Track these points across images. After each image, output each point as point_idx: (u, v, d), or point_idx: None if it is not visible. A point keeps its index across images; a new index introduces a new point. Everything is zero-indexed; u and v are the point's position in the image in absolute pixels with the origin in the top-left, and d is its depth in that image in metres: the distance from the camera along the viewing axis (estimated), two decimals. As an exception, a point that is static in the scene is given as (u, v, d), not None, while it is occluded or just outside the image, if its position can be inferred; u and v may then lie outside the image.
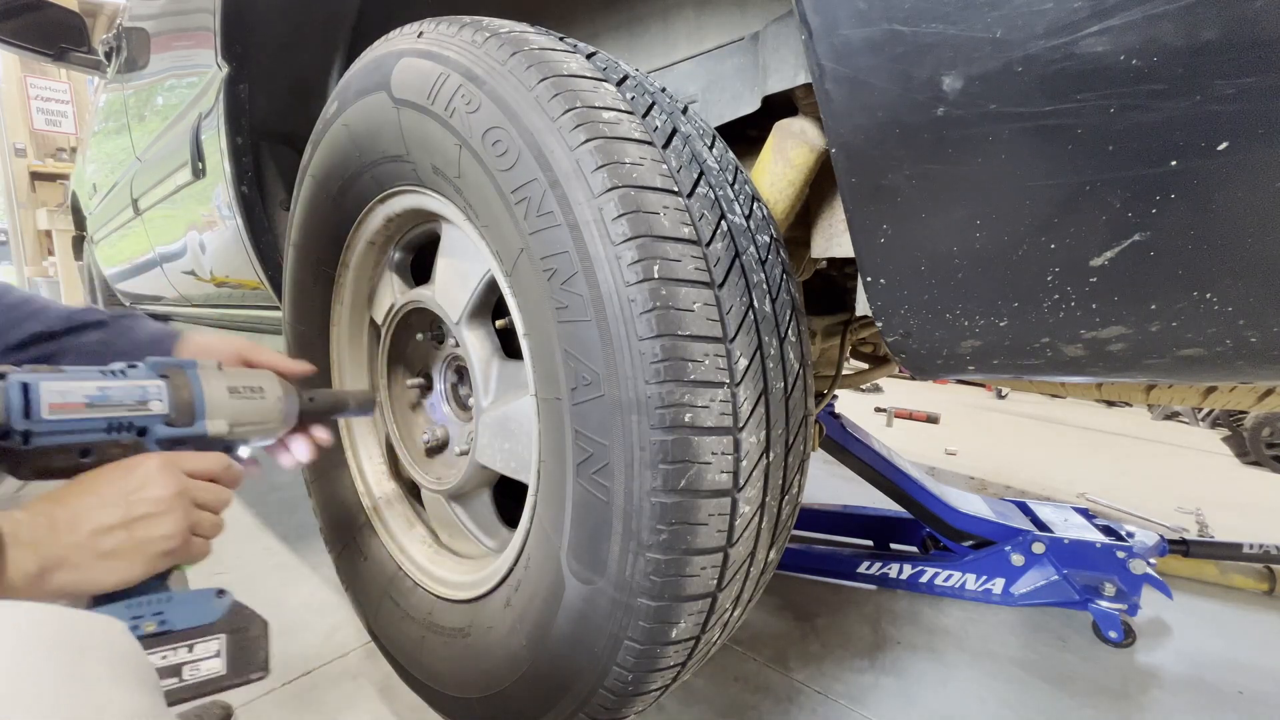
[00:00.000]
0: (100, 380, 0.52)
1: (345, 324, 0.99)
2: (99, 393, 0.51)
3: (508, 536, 0.84)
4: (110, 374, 0.53)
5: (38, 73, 6.08)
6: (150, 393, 0.54)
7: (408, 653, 0.87)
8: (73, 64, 2.09)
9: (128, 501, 0.50)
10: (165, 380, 0.55)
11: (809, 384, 0.64)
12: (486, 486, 0.86)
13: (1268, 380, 0.50)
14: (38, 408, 0.48)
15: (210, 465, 0.56)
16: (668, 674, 0.62)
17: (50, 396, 0.49)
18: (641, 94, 0.61)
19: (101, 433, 0.52)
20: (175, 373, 0.57)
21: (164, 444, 0.55)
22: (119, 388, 0.52)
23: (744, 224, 0.60)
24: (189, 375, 0.58)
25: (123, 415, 0.52)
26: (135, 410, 0.53)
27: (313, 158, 0.89)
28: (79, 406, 0.50)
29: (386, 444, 1.02)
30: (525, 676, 0.67)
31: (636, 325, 0.52)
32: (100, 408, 0.51)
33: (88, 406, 0.50)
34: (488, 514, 0.87)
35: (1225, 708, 1.06)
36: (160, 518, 0.51)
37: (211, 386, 0.58)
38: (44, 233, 6.30)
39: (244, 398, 0.61)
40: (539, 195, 0.56)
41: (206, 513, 0.56)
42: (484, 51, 0.61)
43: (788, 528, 0.65)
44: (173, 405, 0.55)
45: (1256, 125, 0.36)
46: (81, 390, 0.50)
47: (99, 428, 0.52)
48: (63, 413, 0.49)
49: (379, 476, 1.02)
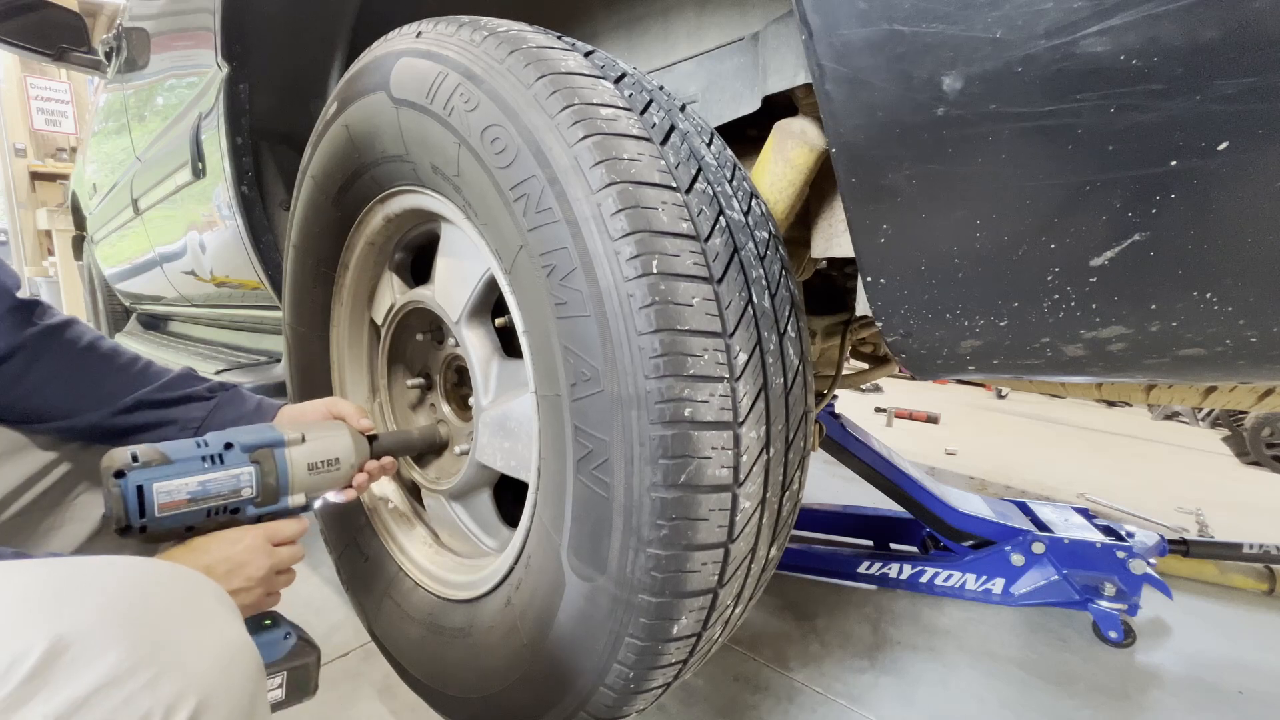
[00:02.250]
0: (201, 475, 0.60)
1: (345, 325, 0.99)
2: (200, 488, 0.59)
3: (508, 536, 0.84)
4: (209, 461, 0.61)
5: (38, 73, 6.08)
6: (242, 481, 0.62)
7: (409, 653, 0.87)
8: (73, 64, 2.09)
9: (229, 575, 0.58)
10: (256, 466, 0.64)
11: (809, 380, 0.64)
12: (487, 486, 0.86)
13: (1268, 380, 0.50)
14: (152, 508, 0.57)
15: (293, 533, 0.65)
16: (669, 671, 0.62)
17: (160, 498, 0.57)
18: (639, 91, 0.61)
19: (201, 518, 0.60)
20: (264, 457, 0.65)
21: (252, 519, 0.64)
22: (216, 480, 0.61)
23: (742, 220, 0.60)
24: (276, 459, 0.65)
25: (218, 504, 0.61)
26: (229, 499, 0.62)
27: (312, 158, 0.89)
28: (183, 503, 0.58)
29: None
30: (526, 675, 0.67)
31: (635, 320, 0.52)
32: (201, 501, 0.60)
33: (190, 502, 0.59)
34: (488, 514, 0.87)
35: (1225, 708, 1.06)
36: (249, 591, 0.60)
37: (295, 465, 0.67)
38: (44, 233, 6.30)
39: (321, 473, 0.69)
40: (537, 192, 0.56)
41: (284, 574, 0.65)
42: (482, 50, 0.61)
43: (789, 525, 0.65)
44: (260, 490, 0.64)
45: (1256, 125, 0.36)
46: (186, 488, 0.59)
47: (200, 515, 0.60)
48: (170, 510, 0.58)
49: (380, 477, 1.03)
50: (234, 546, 0.60)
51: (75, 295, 6.39)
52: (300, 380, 1.08)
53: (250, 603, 0.61)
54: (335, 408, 0.77)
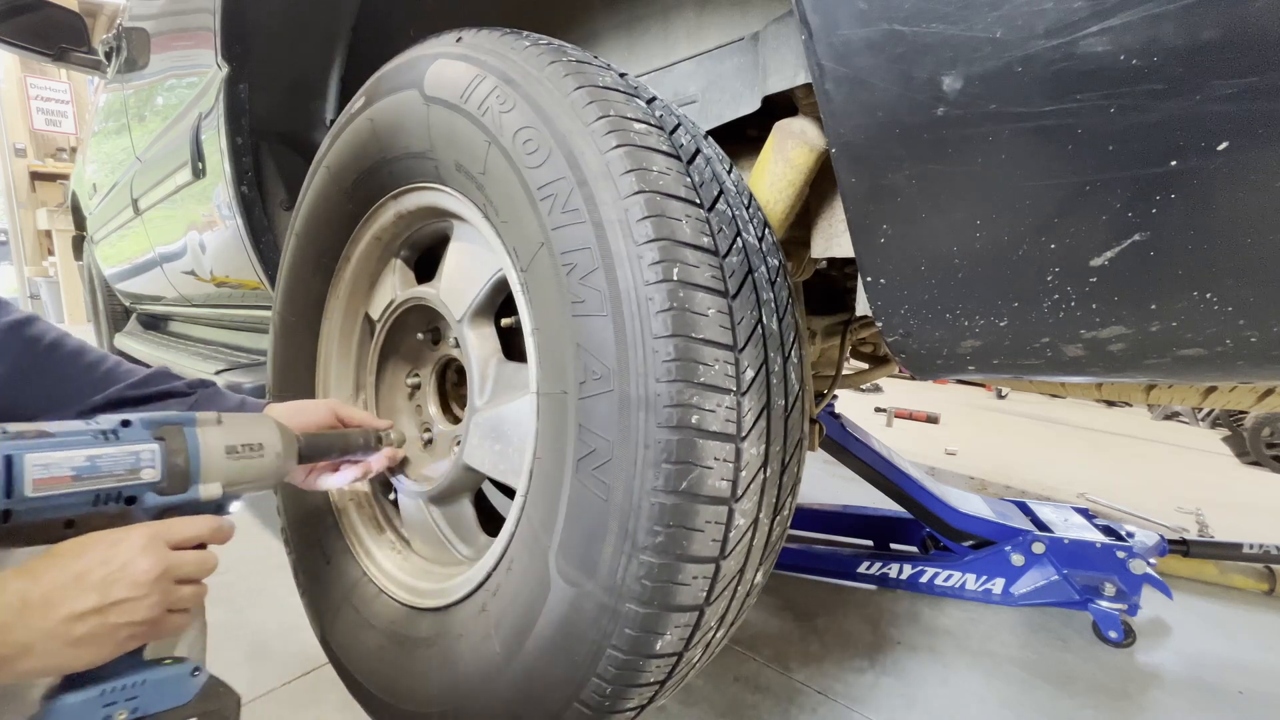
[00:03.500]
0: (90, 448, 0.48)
1: (338, 317, 0.98)
2: (87, 463, 0.47)
3: (485, 543, 0.82)
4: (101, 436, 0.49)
5: (38, 73, 6.08)
6: (143, 459, 0.50)
7: (364, 664, 0.82)
8: (73, 64, 2.09)
9: (107, 583, 0.47)
10: (160, 443, 0.52)
11: (806, 407, 0.65)
12: (468, 491, 0.85)
13: (1268, 380, 0.50)
14: (21, 485, 0.45)
15: (199, 531, 0.53)
16: (645, 692, 0.61)
17: (35, 472, 0.45)
18: (668, 114, 0.64)
19: (88, 505, 0.48)
20: (172, 433, 0.53)
21: (153, 513, 0.52)
22: (109, 455, 0.49)
23: (757, 244, 0.62)
24: (186, 436, 0.54)
25: (112, 486, 0.49)
26: (125, 480, 0.50)
27: (329, 149, 0.89)
28: (65, 480, 0.46)
29: None
30: (494, 689, 0.64)
31: (652, 324, 0.53)
32: (88, 479, 0.48)
33: (74, 480, 0.47)
34: (468, 519, 0.85)
35: (1225, 708, 1.06)
36: (138, 602, 0.48)
37: (209, 448, 0.55)
38: (44, 233, 6.31)
39: (242, 457, 0.58)
40: (566, 193, 0.57)
41: (188, 586, 0.53)
42: (522, 57, 0.64)
43: (776, 550, 0.66)
44: (165, 472, 0.52)
45: (1256, 125, 0.36)
46: (69, 462, 0.46)
47: (85, 500, 0.48)
48: (48, 488, 0.46)
49: (353, 478, 1.00)
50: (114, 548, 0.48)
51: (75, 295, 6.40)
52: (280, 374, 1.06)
53: (141, 620, 0.48)
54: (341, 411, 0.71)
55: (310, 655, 1.08)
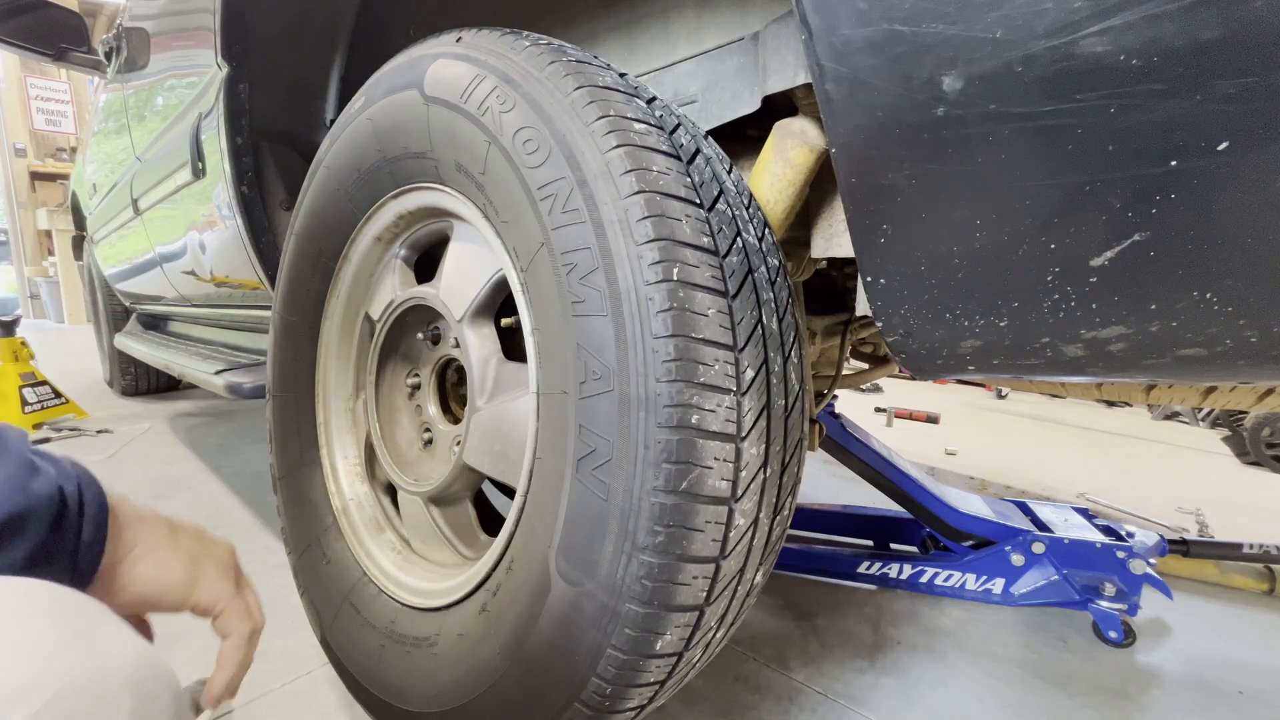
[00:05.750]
0: None
1: (338, 317, 0.98)
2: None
3: (485, 543, 0.83)
4: None
5: (38, 73, 6.09)
6: None
7: (364, 663, 0.83)
8: (73, 64, 2.09)
9: None
10: None
11: (806, 407, 0.65)
12: (468, 491, 0.85)
13: (1268, 380, 0.50)
14: None
15: None
16: (645, 692, 0.61)
17: None
18: (668, 114, 0.64)
19: None
20: None
21: None
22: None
23: (757, 244, 0.62)
24: None
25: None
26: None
27: (329, 149, 0.89)
28: None
29: (365, 444, 1.01)
30: (494, 689, 0.64)
31: (652, 323, 0.53)
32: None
33: None
34: (467, 519, 0.86)
35: (1225, 708, 1.06)
36: None
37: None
38: (44, 233, 6.31)
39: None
40: (566, 193, 0.57)
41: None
42: (522, 58, 0.64)
43: (775, 550, 0.66)
44: None
45: (1256, 125, 0.36)
46: None
47: None
48: None
49: (352, 477, 1.00)
50: None
51: (75, 295, 6.40)
52: (280, 374, 1.06)
53: None
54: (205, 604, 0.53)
55: (309, 656, 1.08)
